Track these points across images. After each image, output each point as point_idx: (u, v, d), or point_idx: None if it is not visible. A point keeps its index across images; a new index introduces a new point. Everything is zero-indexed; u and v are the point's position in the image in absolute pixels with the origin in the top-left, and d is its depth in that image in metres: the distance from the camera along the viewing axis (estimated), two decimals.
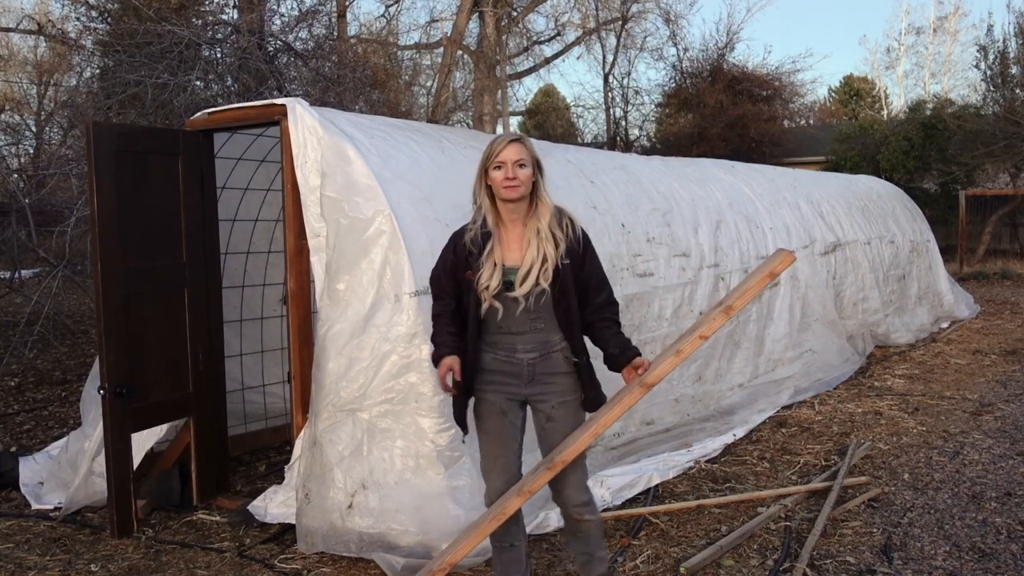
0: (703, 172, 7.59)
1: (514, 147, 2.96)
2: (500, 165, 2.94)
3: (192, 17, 10.11)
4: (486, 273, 2.95)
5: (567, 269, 2.96)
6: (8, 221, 8.36)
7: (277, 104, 4.32)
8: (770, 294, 7.17)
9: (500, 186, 2.94)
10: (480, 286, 2.95)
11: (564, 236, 2.97)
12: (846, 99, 35.06)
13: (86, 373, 6.23)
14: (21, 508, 4.68)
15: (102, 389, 4.15)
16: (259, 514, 4.18)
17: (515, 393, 3.07)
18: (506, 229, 3.03)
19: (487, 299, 2.96)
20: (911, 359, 8.51)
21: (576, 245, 3.01)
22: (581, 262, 3.01)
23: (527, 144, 3.00)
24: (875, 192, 10.96)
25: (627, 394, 2.97)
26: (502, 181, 2.93)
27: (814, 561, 3.75)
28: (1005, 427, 5.88)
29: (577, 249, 3.00)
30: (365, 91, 10.83)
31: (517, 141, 2.99)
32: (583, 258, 3.02)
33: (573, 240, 3.00)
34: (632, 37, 24.30)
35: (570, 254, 2.98)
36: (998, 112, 17.69)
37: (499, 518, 2.99)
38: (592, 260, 3.06)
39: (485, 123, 18.96)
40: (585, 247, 3.04)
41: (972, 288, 14.03)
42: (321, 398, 3.94)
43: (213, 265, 4.76)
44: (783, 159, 20.75)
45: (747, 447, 5.57)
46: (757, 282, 2.96)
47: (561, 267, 2.95)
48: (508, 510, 2.99)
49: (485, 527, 3.03)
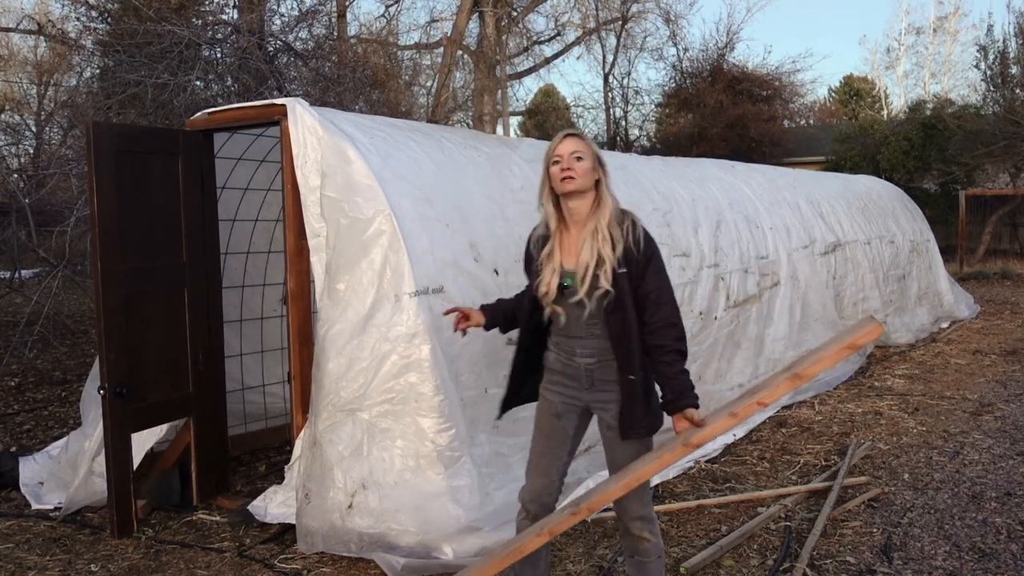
0: (703, 172, 7.59)
1: (570, 140, 2.87)
2: (557, 159, 2.85)
3: (192, 17, 10.11)
4: (544, 278, 2.87)
5: (623, 278, 2.76)
6: (8, 221, 8.35)
7: (277, 104, 4.32)
8: (770, 294, 7.17)
9: (557, 179, 2.84)
10: (539, 292, 2.88)
11: (622, 237, 2.78)
12: (846, 99, 35.07)
13: (86, 373, 6.23)
14: (21, 508, 4.68)
15: (102, 389, 4.15)
16: (259, 514, 4.18)
17: (575, 397, 2.97)
18: (568, 232, 2.90)
19: (547, 305, 2.89)
20: (911, 359, 8.51)
21: (636, 251, 2.78)
22: (641, 273, 2.78)
23: (585, 138, 2.90)
24: (875, 192, 10.96)
25: (668, 451, 2.74)
26: (558, 174, 2.83)
27: (814, 561, 3.75)
28: (1005, 427, 5.88)
29: (636, 256, 2.78)
30: (365, 91, 10.83)
31: (574, 135, 2.90)
32: (643, 269, 2.79)
33: (632, 244, 2.78)
34: (632, 37, 24.32)
35: (628, 261, 2.77)
36: (998, 112, 17.69)
37: (516, 555, 2.84)
38: (654, 273, 2.80)
39: (485, 123, 18.96)
40: (648, 257, 2.80)
41: (972, 288, 14.03)
42: (321, 398, 3.94)
43: (213, 265, 4.76)
44: (783, 159, 20.75)
45: (747, 447, 5.57)
46: (834, 352, 2.62)
47: (617, 273, 2.76)
48: (526, 548, 2.83)
49: (499, 562, 2.88)
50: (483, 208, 4.65)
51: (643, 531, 2.96)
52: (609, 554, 3.88)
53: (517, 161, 5.26)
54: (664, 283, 2.83)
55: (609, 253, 2.76)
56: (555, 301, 2.87)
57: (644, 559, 3.01)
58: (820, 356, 2.67)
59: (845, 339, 2.66)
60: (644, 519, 2.96)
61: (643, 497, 2.95)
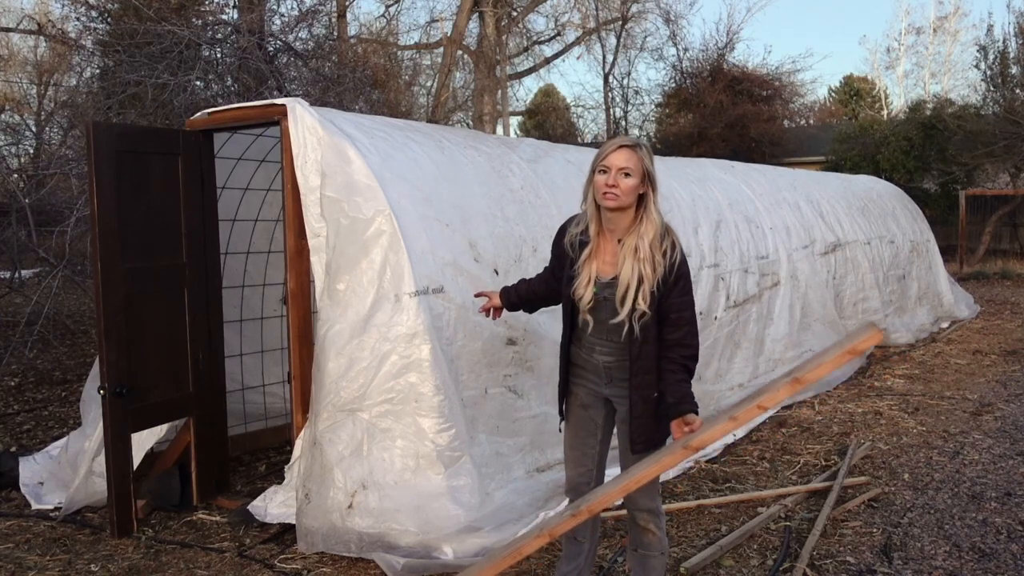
0: (703, 172, 7.59)
1: (623, 153, 2.76)
2: (605, 169, 2.77)
3: (192, 17, 10.11)
4: (581, 283, 2.86)
5: (656, 298, 2.79)
6: (8, 221, 8.35)
7: (277, 104, 4.32)
8: (770, 294, 7.17)
9: (599, 190, 2.77)
10: (575, 296, 2.88)
11: (663, 260, 2.77)
12: (846, 99, 35.06)
13: (86, 373, 6.23)
14: (21, 508, 4.68)
15: (102, 389, 4.15)
16: (259, 514, 4.18)
17: (597, 391, 3.04)
18: (604, 238, 2.88)
19: (582, 312, 2.91)
20: (911, 359, 8.51)
21: (671, 273, 2.78)
22: (667, 291, 2.78)
23: (640, 153, 2.79)
24: (875, 192, 10.96)
25: (667, 454, 2.77)
26: (601, 186, 2.77)
27: (814, 561, 3.75)
28: (1005, 427, 5.88)
29: (668, 276, 2.77)
30: (365, 91, 10.83)
31: (629, 147, 2.78)
32: (670, 287, 2.78)
33: (669, 266, 2.78)
34: (632, 37, 24.36)
35: (663, 280, 2.78)
36: (998, 112, 17.69)
37: (515, 556, 2.84)
38: (680, 293, 2.80)
39: (485, 123, 18.96)
40: (677, 277, 2.79)
41: (972, 288, 14.02)
42: (321, 398, 3.94)
43: (213, 265, 4.76)
44: (783, 159, 20.74)
45: (747, 447, 5.57)
46: (835, 357, 2.61)
47: (654, 295, 2.77)
48: (525, 550, 2.83)
49: (499, 563, 2.87)
50: (483, 208, 4.65)
51: (648, 523, 2.99)
52: (609, 554, 3.88)
53: (517, 161, 5.26)
54: (687, 304, 2.83)
55: (650, 274, 2.75)
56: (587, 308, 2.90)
57: (647, 552, 3.03)
58: (821, 361, 2.65)
59: (845, 344, 2.64)
60: (651, 512, 2.99)
61: (650, 490, 2.96)
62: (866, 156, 19.93)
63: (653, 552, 3.03)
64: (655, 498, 3.01)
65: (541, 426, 4.53)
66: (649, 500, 2.99)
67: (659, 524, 3.01)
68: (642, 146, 2.83)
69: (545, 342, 4.60)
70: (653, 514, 3.00)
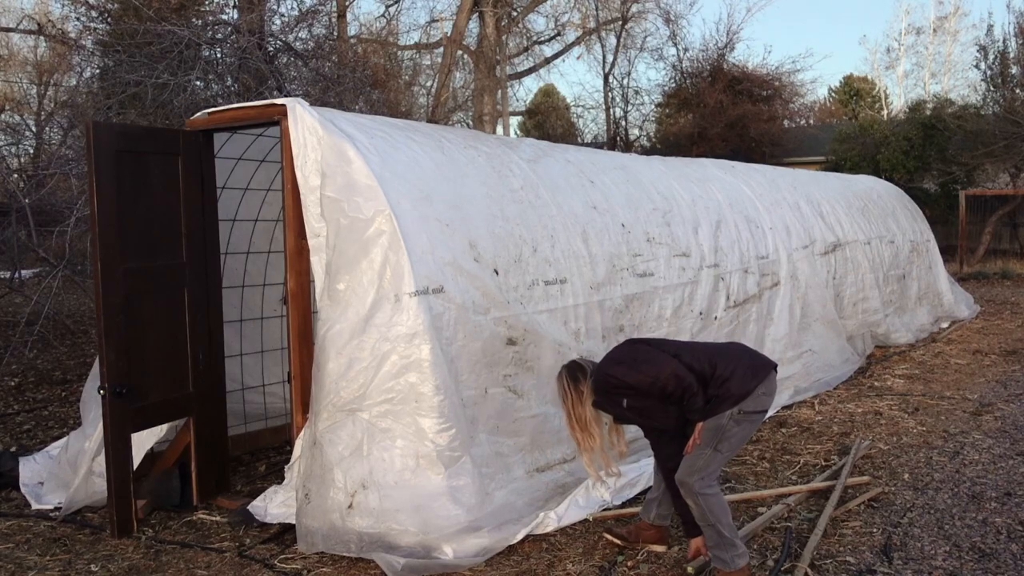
0: (703, 172, 7.59)
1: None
2: None
3: (192, 17, 10.12)
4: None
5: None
6: (8, 221, 8.34)
7: (277, 104, 4.32)
8: (770, 294, 7.17)
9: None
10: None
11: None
12: (846, 99, 35.07)
13: (86, 373, 6.23)
14: (21, 508, 4.68)
15: (102, 389, 4.15)
16: (259, 514, 4.18)
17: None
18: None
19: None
20: (911, 359, 8.51)
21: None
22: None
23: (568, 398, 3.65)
24: (875, 192, 10.96)
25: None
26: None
27: (814, 561, 3.75)
28: (1005, 427, 5.88)
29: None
30: (365, 91, 10.83)
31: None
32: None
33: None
34: (632, 37, 24.33)
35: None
36: (998, 112, 17.68)
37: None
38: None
39: (485, 123, 18.97)
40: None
41: (972, 288, 14.02)
42: (321, 398, 3.94)
43: (213, 265, 4.76)
44: (783, 159, 20.75)
45: (747, 447, 5.56)
46: None
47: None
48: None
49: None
50: (483, 208, 4.65)
51: (687, 496, 3.53)
52: (609, 554, 3.88)
53: (517, 161, 5.26)
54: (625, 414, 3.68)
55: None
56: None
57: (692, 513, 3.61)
58: None
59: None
60: (683, 485, 3.53)
61: (690, 466, 3.53)
62: (866, 156, 19.93)
63: (694, 516, 3.58)
64: (692, 474, 3.52)
65: (541, 426, 4.53)
66: (684, 475, 3.54)
67: (697, 501, 3.50)
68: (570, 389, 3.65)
69: (545, 342, 4.60)
70: (684, 487, 3.53)
